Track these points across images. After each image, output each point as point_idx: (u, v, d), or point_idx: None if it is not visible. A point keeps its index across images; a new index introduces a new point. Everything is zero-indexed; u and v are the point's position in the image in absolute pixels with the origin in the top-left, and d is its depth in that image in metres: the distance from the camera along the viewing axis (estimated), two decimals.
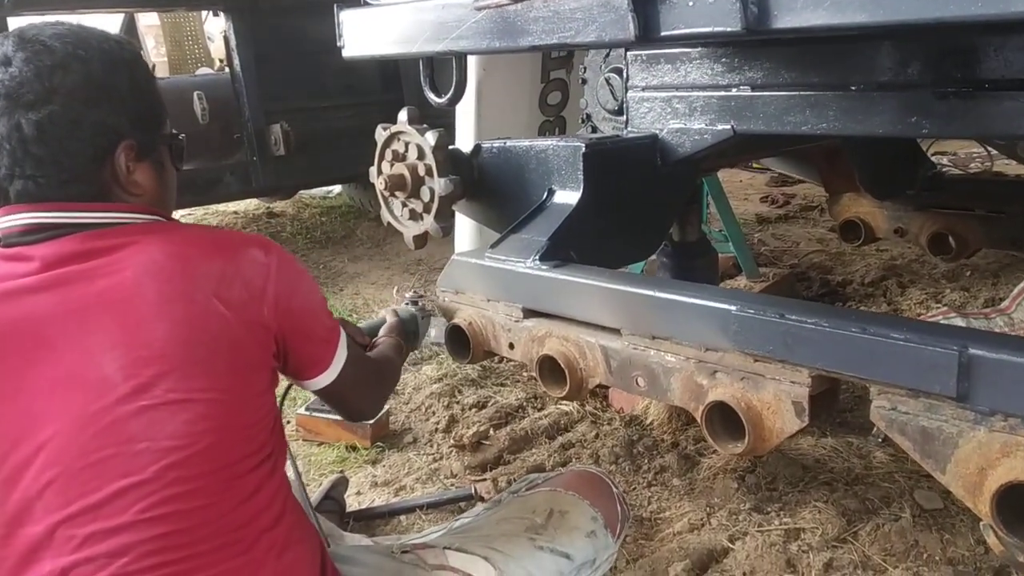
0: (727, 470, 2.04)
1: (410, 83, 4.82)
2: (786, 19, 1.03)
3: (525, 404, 2.49)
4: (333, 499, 1.92)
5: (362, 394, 1.43)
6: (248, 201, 5.72)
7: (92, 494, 1.03)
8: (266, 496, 1.14)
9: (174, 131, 1.26)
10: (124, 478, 1.03)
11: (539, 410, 2.44)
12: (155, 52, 7.38)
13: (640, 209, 2.10)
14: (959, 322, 2.34)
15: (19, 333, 1.05)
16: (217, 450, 1.08)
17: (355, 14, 1.83)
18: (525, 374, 2.67)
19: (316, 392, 1.33)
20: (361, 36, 1.84)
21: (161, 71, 7.21)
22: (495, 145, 2.18)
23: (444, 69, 2.00)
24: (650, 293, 1.60)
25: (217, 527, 1.07)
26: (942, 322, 2.38)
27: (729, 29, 1.08)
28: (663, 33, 1.18)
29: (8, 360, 1.05)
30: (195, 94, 4.30)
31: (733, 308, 1.44)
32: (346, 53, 1.92)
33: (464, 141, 3.26)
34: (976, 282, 3.36)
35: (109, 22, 6.98)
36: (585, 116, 2.39)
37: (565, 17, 1.27)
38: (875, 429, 2.12)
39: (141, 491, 1.03)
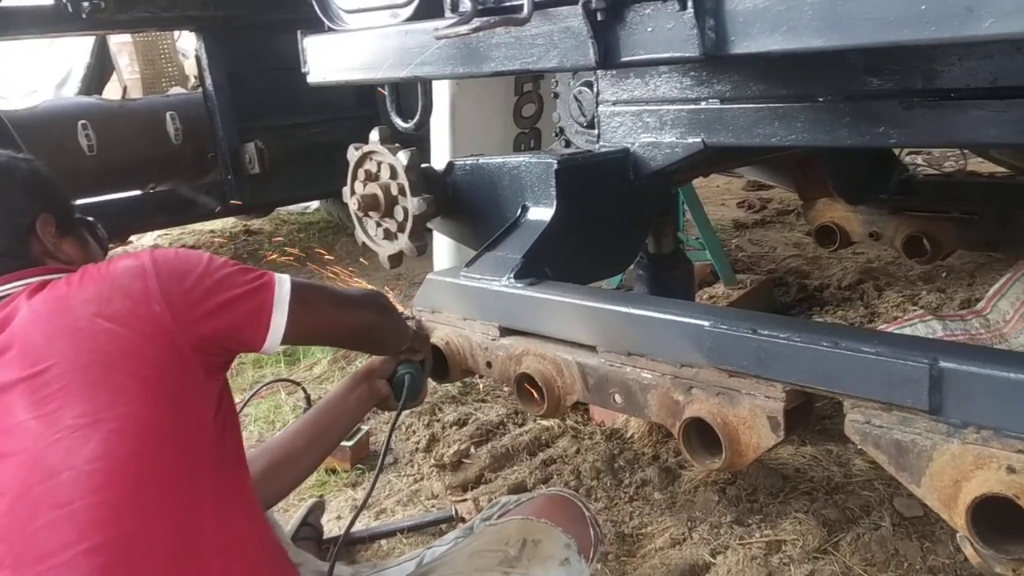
0: (708, 482, 2.04)
1: (385, 99, 4.82)
2: (743, 44, 1.03)
3: (506, 420, 2.48)
4: (311, 525, 1.90)
5: (346, 314, 1.42)
6: (225, 219, 5.68)
7: (29, 532, 1.02)
8: (214, 515, 1.11)
9: (88, 217, 1.40)
10: (54, 510, 1.02)
11: (520, 426, 2.44)
12: (128, 71, 7.33)
13: (614, 223, 2.10)
14: (936, 324, 2.35)
15: None
16: (142, 466, 1.06)
17: (318, 40, 1.82)
18: (506, 389, 2.67)
19: (296, 343, 1.33)
20: (325, 62, 1.83)
21: (134, 90, 7.17)
22: (468, 163, 2.18)
23: (412, 92, 2.00)
24: (625, 310, 1.60)
25: (158, 551, 1.04)
26: (919, 325, 2.40)
27: (688, 54, 1.08)
28: (623, 59, 1.18)
29: None
30: (168, 114, 4.28)
31: (706, 324, 1.44)
32: (311, 79, 1.91)
33: (440, 157, 3.25)
34: (952, 283, 3.39)
35: (81, 41, 6.96)
36: (558, 130, 2.38)
37: (527, 43, 1.27)
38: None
39: (72, 521, 1.01)
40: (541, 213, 1.97)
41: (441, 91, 3.20)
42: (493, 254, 1.97)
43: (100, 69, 7.04)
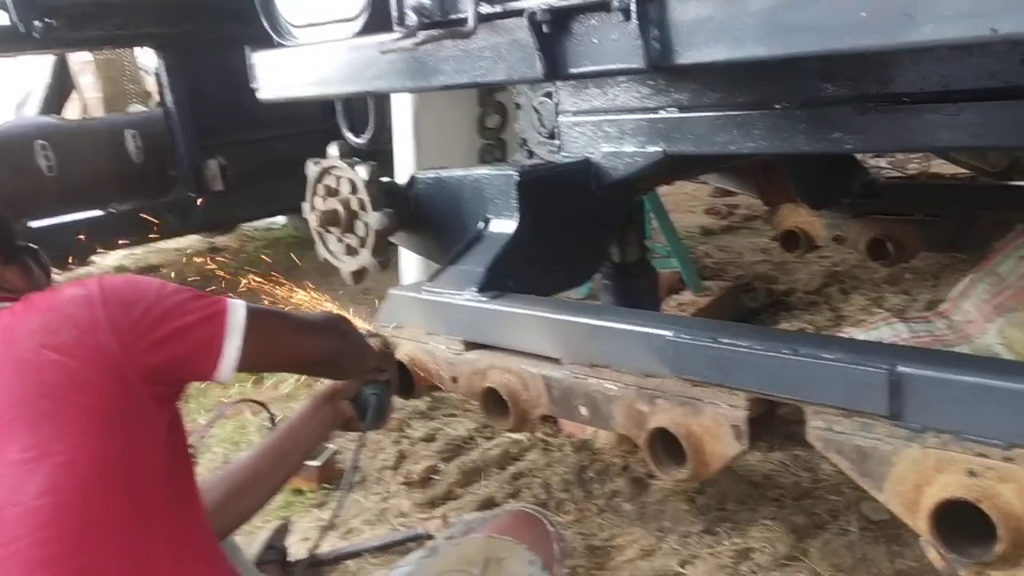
0: (677, 492, 2.03)
1: (345, 112, 4.80)
2: (688, 55, 1.03)
3: (475, 435, 2.46)
4: (275, 548, 1.87)
5: (303, 340, 1.39)
6: (190, 237, 5.62)
7: None
8: (166, 551, 1.08)
9: (29, 244, 1.33)
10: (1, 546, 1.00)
11: (489, 439, 2.42)
12: (90, 89, 7.23)
13: (577, 233, 2.09)
14: (900, 327, 2.37)
15: None
16: (91, 501, 1.04)
17: (267, 56, 1.80)
18: (474, 404, 2.64)
19: (253, 371, 1.30)
20: (275, 78, 1.81)
21: (95, 109, 7.08)
22: (429, 176, 2.17)
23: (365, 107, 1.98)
24: (587, 321, 1.59)
25: None
26: (884, 328, 2.41)
27: (633, 66, 1.08)
28: (570, 71, 1.17)
29: None
30: (128, 132, 4.22)
31: (669, 334, 1.43)
32: (261, 95, 1.89)
33: (404, 170, 3.24)
34: (916, 285, 3.41)
35: (40, 60, 6.86)
36: (521, 140, 2.38)
37: (475, 56, 1.26)
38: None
39: (18, 559, 0.99)
40: (503, 225, 1.96)
41: (404, 104, 3.19)
42: (456, 268, 1.96)
43: (60, 88, 6.93)
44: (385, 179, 2.09)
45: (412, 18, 1.25)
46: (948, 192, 3.22)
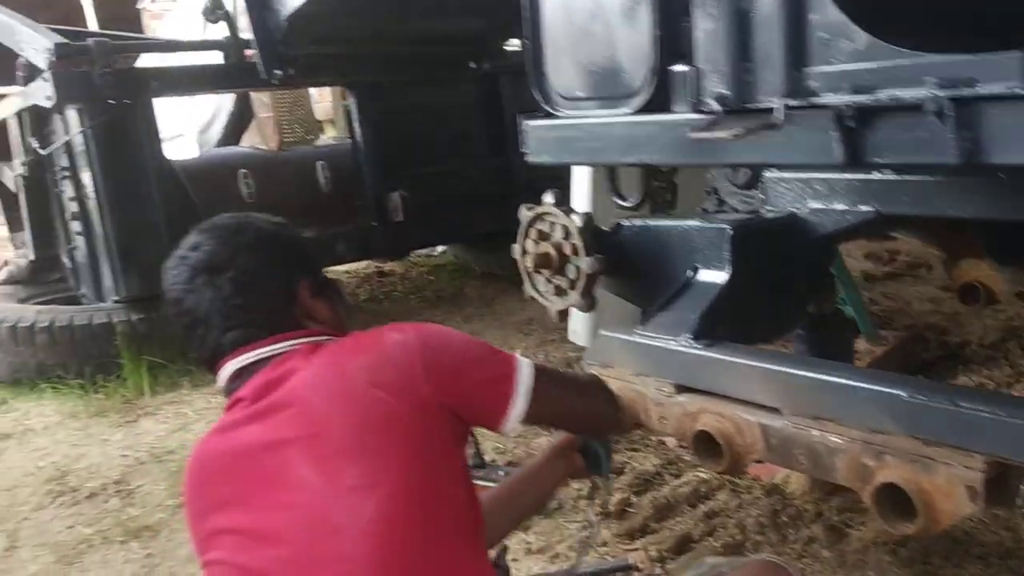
0: (878, 543, 2.07)
1: (516, 148, 5.01)
2: (1001, 155, 1.09)
3: (661, 470, 2.55)
4: (501, 567, 2.01)
5: (577, 401, 1.54)
6: (360, 262, 5.95)
7: None
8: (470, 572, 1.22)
9: (331, 279, 1.49)
10: (337, 563, 1.13)
11: (676, 476, 2.51)
12: (266, 118, 7.72)
13: (781, 285, 2.16)
14: None
15: (237, 460, 1.24)
16: (411, 528, 1.16)
17: (539, 125, 1.97)
18: (654, 439, 2.74)
19: (530, 424, 1.40)
20: (546, 145, 1.97)
21: (271, 137, 7.56)
22: (636, 223, 2.28)
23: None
24: (813, 375, 1.66)
25: None
26: None
27: (943, 161, 1.14)
28: (871, 159, 1.25)
29: (230, 481, 1.23)
30: (319, 164, 4.54)
31: (903, 394, 1.49)
32: (530, 159, 2.05)
33: (579, 204, 3.38)
34: None
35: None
36: (711, 189, 2.46)
37: (767, 139, 1.33)
38: (1020, 501, 2.13)
39: None
40: (714, 275, 2.05)
41: None
42: (667, 313, 2.06)
43: (241, 116, 7.44)
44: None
45: (711, 104, 1.37)
46: None
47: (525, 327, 4.42)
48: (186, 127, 7.88)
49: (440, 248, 6.14)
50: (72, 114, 3.97)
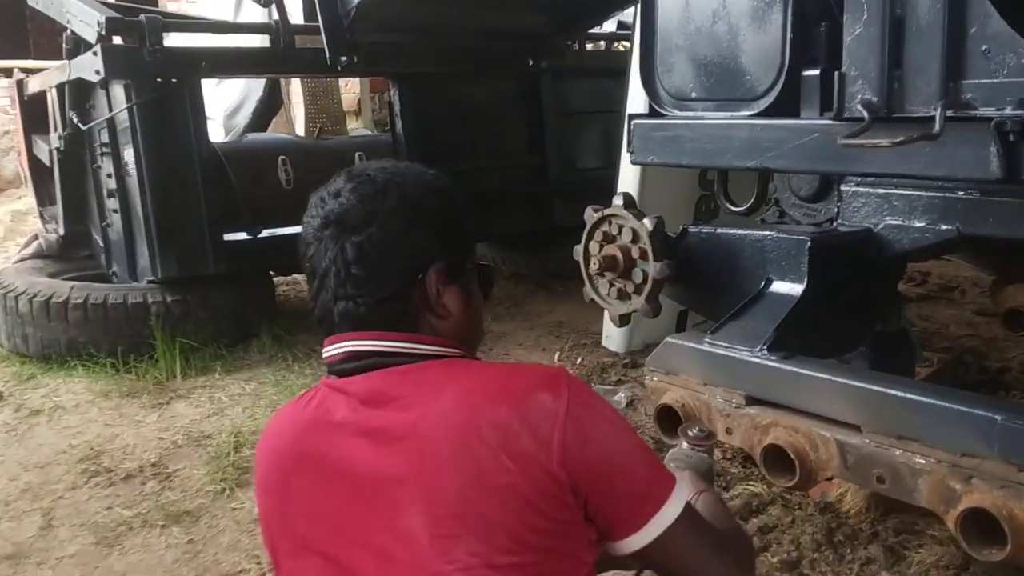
0: (939, 566, 2.04)
1: (553, 147, 5.00)
2: None
3: None
4: None
5: (708, 566, 1.18)
6: None
7: None
8: None
9: (481, 262, 1.27)
10: None
11: (726, 489, 2.48)
12: (296, 105, 7.73)
13: (853, 301, 2.14)
14: None
15: (338, 474, 1.11)
16: None
17: (647, 124, 1.95)
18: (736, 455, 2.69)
19: (632, 556, 1.15)
20: (653, 146, 1.95)
21: (299, 124, 7.56)
22: (703, 230, 2.26)
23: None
24: (900, 394, 1.64)
25: None
26: None
27: None
28: None
29: (326, 496, 1.12)
30: (357, 155, 4.52)
31: (999, 418, 1.47)
32: (634, 159, 2.02)
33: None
34: None
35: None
36: (773, 200, 2.44)
37: (910, 150, 1.33)
38: None
39: None
40: (789, 287, 2.03)
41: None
42: (740, 324, 2.04)
43: (271, 103, 7.43)
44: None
45: (858, 111, 1.34)
46: None
47: (556, 329, 4.39)
48: (213, 110, 7.88)
49: None
50: (118, 90, 3.93)
